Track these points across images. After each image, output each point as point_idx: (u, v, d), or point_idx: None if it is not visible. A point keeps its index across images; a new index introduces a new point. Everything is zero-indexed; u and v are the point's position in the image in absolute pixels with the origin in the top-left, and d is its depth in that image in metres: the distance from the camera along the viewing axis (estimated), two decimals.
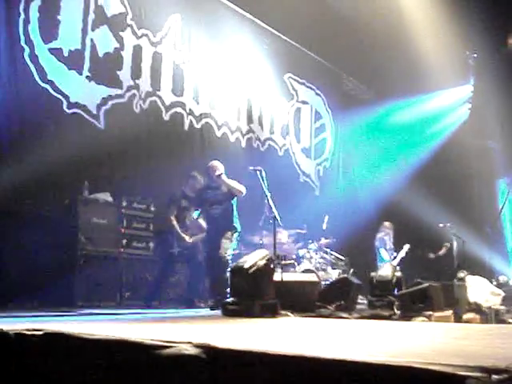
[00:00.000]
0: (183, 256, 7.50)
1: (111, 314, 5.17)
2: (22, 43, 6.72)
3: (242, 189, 6.95)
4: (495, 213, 11.48)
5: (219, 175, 6.88)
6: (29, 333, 2.74)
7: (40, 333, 2.72)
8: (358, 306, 6.85)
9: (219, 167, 7.01)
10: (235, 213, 7.05)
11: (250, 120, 10.00)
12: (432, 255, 10.26)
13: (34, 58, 6.80)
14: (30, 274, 6.28)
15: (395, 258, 10.04)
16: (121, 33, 7.87)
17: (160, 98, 8.34)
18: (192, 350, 2.07)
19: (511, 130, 12.00)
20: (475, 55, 12.49)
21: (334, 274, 8.59)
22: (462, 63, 12.32)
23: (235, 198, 6.99)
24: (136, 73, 8.03)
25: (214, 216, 6.96)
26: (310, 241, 8.96)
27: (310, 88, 11.63)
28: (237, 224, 7.06)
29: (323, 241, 9.08)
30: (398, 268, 9.33)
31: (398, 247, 10.31)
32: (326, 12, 10.61)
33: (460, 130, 12.66)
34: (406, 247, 10.12)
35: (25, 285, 6.20)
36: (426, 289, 6.64)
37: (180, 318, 5.37)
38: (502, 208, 11.21)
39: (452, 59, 11.41)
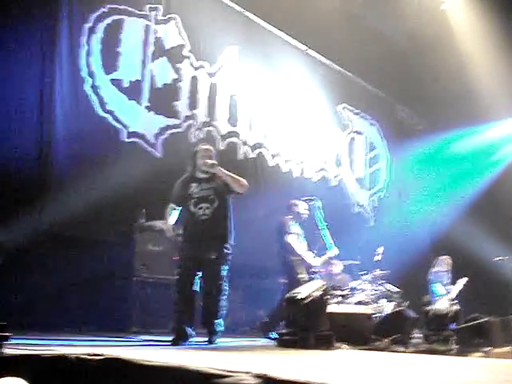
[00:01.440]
0: None
1: (165, 341, 5.20)
2: (84, 74, 6.96)
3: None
4: None
5: None
6: (89, 357, 2.79)
7: (100, 357, 2.76)
8: (414, 340, 6.72)
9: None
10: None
11: (303, 150, 10.01)
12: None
13: (95, 88, 7.03)
14: (87, 299, 6.44)
15: (449, 292, 9.78)
16: (179, 64, 8.06)
17: (216, 127, 8.47)
18: (251, 380, 2.08)
19: None
20: None
21: (388, 307, 8.42)
22: None
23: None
24: (193, 103, 8.19)
25: None
26: (364, 272, 8.83)
27: (365, 118, 11.61)
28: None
29: (377, 272, 8.92)
30: (454, 302, 9.13)
31: (454, 280, 10.05)
32: (380, 42, 10.65)
33: None
34: (464, 280, 9.84)
35: (81, 309, 6.34)
36: (484, 324, 6.49)
37: (234, 346, 5.37)
38: None
39: (508, 88, 11.24)
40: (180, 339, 5.04)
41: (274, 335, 7.17)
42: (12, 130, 6.12)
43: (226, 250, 5.51)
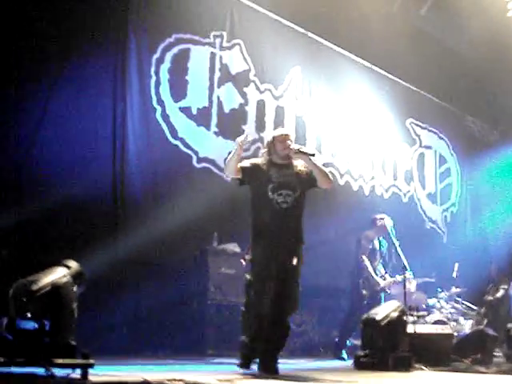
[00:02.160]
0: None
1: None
2: (154, 104, 7.17)
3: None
4: None
5: None
6: (169, 382, 2.85)
7: (180, 383, 2.82)
8: (495, 360, 6.53)
9: None
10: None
11: (372, 167, 9.93)
12: (490, 297, 9.38)
13: (165, 117, 7.22)
14: (163, 323, 6.57)
15: None
16: (245, 89, 8.18)
17: None
18: None
19: None
20: None
21: (466, 325, 8.22)
22: None
23: None
24: (260, 126, 8.27)
25: None
26: (440, 290, 8.65)
27: (433, 132, 11.41)
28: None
29: (454, 290, 8.72)
30: None
31: None
32: (445, 55, 10.52)
33: None
34: None
35: (159, 333, 6.48)
36: None
37: (311, 369, 5.35)
38: None
39: None
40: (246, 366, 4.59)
41: (344, 355, 7.13)
42: (87, 164, 6.32)
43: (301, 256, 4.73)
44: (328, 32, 9.24)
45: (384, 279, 7.52)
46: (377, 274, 7.44)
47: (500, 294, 8.86)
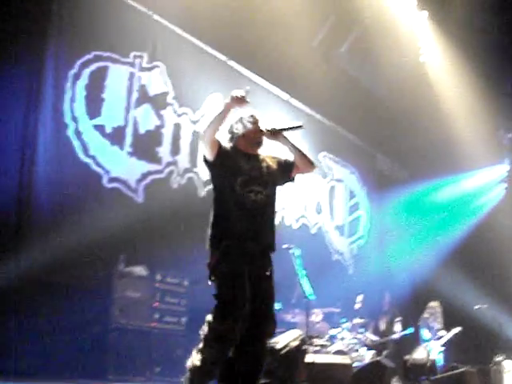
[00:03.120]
0: None
1: None
2: (68, 119, 7.01)
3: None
4: None
5: None
6: None
7: None
8: None
9: None
10: None
11: (283, 197, 10.05)
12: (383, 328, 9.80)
13: (78, 133, 7.06)
14: (63, 345, 6.35)
15: (439, 338, 9.76)
16: (162, 111, 8.14)
17: (197, 174, 8.51)
18: None
19: None
20: (510, 135, 12.59)
21: (367, 356, 8.41)
22: (497, 143, 12.41)
23: None
24: (175, 150, 8.25)
25: None
26: (344, 320, 8.83)
27: (345, 166, 11.74)
28: None
29: (357, 320, 8.94)
30: (442, 349, 9.14)
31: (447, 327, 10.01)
32: (361, 93, 10.89)
33: (497, 209, 12.57)
34: (457, 330, 9.81)
35: (57, 355, 6.25)
36: (462, 374, 6.50)
37: None
38: None
39: (487, 138, 11.50)
40: None
41: None
42: None
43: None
44: (249, 61, 9.36)
45: None
46: None
47: (397, 327, 9.19)
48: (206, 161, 4.07)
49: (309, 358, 5.40)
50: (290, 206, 10.19)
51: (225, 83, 9.02)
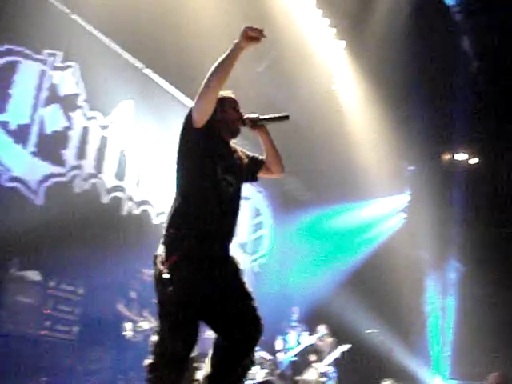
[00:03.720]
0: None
1: None
2: None
3: None
4: (422, 321, 11.71)
5: None
6: None
7: None
8: None
9: None
10: None
11: None
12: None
13: None
14: None
15: (327, 359, 9.98)
16: (71, 113, 7.92)
17: (102, 180, 8.33)
18: None
19: (440, 242, 12.51)
20: (412, 167, 13.18)
21: (260, 374, 8.47)
22: (399, 173, 12.94)
23: None
24: (81, 153, 8.04)
25: None
26: None
27: (252, 185, 11.82)
28: None
29: None
30: (331, 368, 9.36)
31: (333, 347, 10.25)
32: (274, 112, 10.99)
33: (394, 238, 13.07)
34: (345, 347, 10.06)
35: None
36: None
37: None
38: (428, 316, 11.48)
39: (390, 169, 11.94)
40: None
41: None
42: None
43: None
44: (165, 72, 9.31)
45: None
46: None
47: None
48: (190, 124, 3.42)
49: (199, 376, 5.35)
50: None
51: (138, 91, 8.94)
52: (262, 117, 3.78)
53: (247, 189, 11.61)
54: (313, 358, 10.00)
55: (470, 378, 11.32)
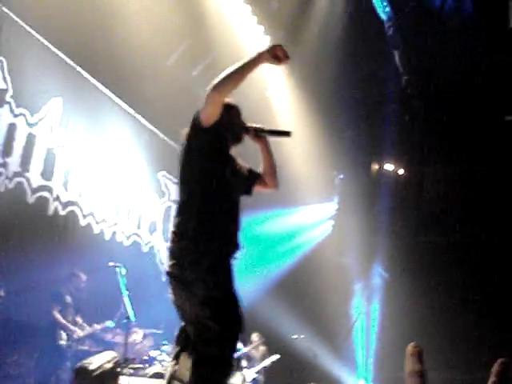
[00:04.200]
0: None
1: None
2: None
3: None
4: (348, 327, 11.90)
5: None
6: None
7: None
8: None
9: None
10: None
11: (117, 213, 9.88)
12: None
13: None
14: None
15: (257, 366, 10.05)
16: None
17: (28, 179, 8.08)
18: None
19: (366, 249, 12.80)
20: (341, 176, 13.44)
21: None
22: (329, 182, 13.16)
23: None
24: (7, 151, 7.78)
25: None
26: (165, 342, 8.76)
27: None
28: None
29: None
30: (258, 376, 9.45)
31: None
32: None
33: (322, 245, 13.27)
34: (275, 357, 10.13)
35: None
36: None
37: None
38: (355, 322, 11.69)
39: (320, 177, 12.12)
40: None
41: None
42: None
43: None
44: (98, 71, 9.14)
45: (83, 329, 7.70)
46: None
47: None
48: (199, 125, 3.40)
49: (123, 381, 5.30)
50: (123, 222, 10.02)
51: (69, 89, 8.74)
52: (265, 128, 3.77)
53: (176, 192, 11.57)
54: (244, 364, 10.02)
55: (392, 382, 11.59)
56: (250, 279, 12.15)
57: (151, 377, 7.40)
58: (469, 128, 11.30)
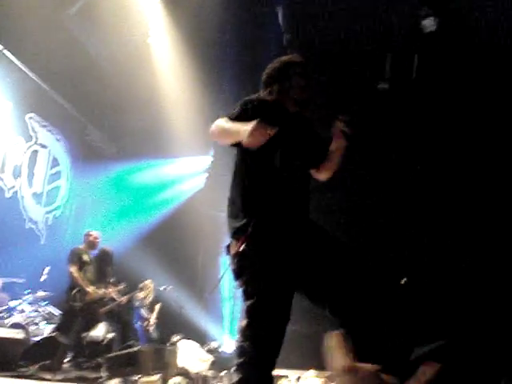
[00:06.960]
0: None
1: None
2: None
3: None
4: (215, 280, 12.07)
5: None
6: None
7: None
8: (64, 367, 6.61)
9: None
10: None
11: None
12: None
13: None
14: None
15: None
16: None
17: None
18: None
19: None
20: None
21: (46, 330, 8.15)
22: (205, 136, 13.05)
23: None
24: None
25: None
26: (26, 292, 8.44)
27: (52, 132, 11.20)
28: None
29: (40, 293, 8.61)
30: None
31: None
32: (83, 60, 10.45)
33: (196, 198, 13.25)
34: (157, 307, 10.15)
35: None
36: (135, 352, 6.67)
37: None
38: (222, 276, 11.87)
39: (197, 129, 12.01)
40: None
41: None
42: None
43: None
44: None
45: None
46: None
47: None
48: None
49: None
50: None
51: None
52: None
53: (45, 136, 11.03)
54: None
55: None
56: (120, 230, 11.98)
57: (11, 327, 7.12)
58: (343, 93, 11.52)
